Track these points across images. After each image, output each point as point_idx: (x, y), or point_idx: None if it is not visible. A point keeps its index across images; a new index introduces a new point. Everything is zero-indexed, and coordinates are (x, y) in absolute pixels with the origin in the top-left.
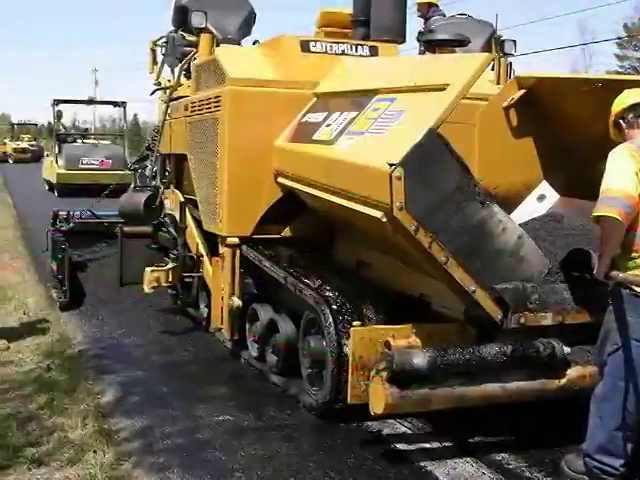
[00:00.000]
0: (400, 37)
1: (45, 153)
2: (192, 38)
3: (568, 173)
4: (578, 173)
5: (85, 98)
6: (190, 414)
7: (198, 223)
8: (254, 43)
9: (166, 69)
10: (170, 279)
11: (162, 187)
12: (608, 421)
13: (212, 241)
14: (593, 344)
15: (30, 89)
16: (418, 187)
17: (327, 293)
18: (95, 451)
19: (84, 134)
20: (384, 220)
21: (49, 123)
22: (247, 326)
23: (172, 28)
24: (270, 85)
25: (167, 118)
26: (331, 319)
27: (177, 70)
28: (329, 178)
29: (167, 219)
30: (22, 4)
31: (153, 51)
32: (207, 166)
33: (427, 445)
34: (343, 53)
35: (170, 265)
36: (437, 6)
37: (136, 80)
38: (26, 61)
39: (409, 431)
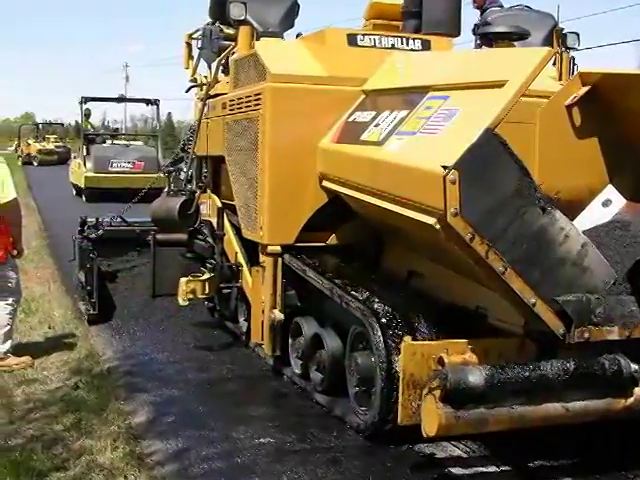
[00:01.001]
0: (454, 30)
1: (72, 155)
2: (230, 31)
3: (636, 176)
4: None
5: (115, 95)
6: (228, 436)
7: (237, 230)
8: (297, 36)
9: (202, 64)
10: (207, 290)
11: (198, 191)
12: None
13: (252, 250)
14: None
15: (56, 87)
16: (474, 191)
17: (376, 305)
18: (126, 476)
19: (114, 134)
20: (437, 227)
21: (76, 123)
22: (289, 341)
23: (209, 20)
24: (314, 81)
25: (203, 117)
26: (380, 333)
27: (214, 65)
28: (378, 182)
29: (203, 226)
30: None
31: (188, 45)
32: (246, 169)
33: (483, 469)
34: (393, 47)
35: (207, 275)
36: None
37: (170, 77)
38: (52, 58)
39: (464, 454)
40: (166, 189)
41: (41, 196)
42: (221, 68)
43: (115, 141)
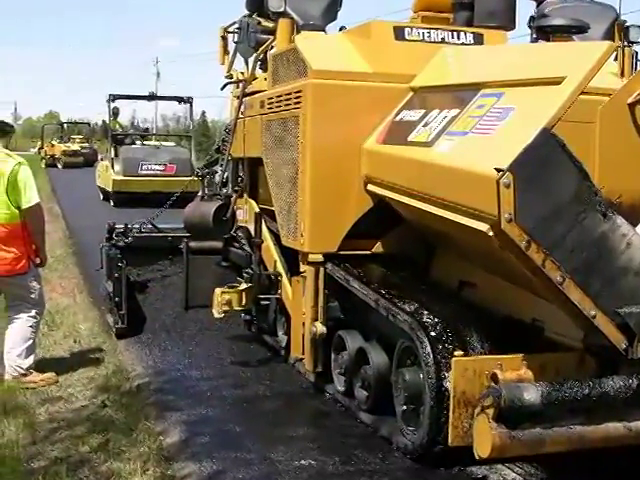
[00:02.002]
0: (509, 22)
1: (99, 157)
2: (269, 24)
3: None
4: None
5: (145, 93)
6: (266, 457)
7: (276, 237)
8: (340, 30)
9: (239, 60)
10: (243, 302)
11: (234, 196)
12: None
13: (292, 258)
14: None
15: (81, 84)
16: (530, 196)
17: (425, 318)
18: None
19: (144, 134)
20: (490, 234)
21: (103, 122)
22: (332, 356)
23: (246, 12)
24: (359, 78)
25: (240, 116)
26: (429, 348)
27: (251, 61)
28: (426, 185)
29: (240, 233)
30: None
31: (224, 39)
32: (286, 172)
33: None
34: (443, 41)
35: (243, 286)
36: None
37: (204, 73)
38: (77, 54)
39: (519, 477)
40: (200, 193)
41: (66, 201)
42: (259, 64)
43: (145, 142)
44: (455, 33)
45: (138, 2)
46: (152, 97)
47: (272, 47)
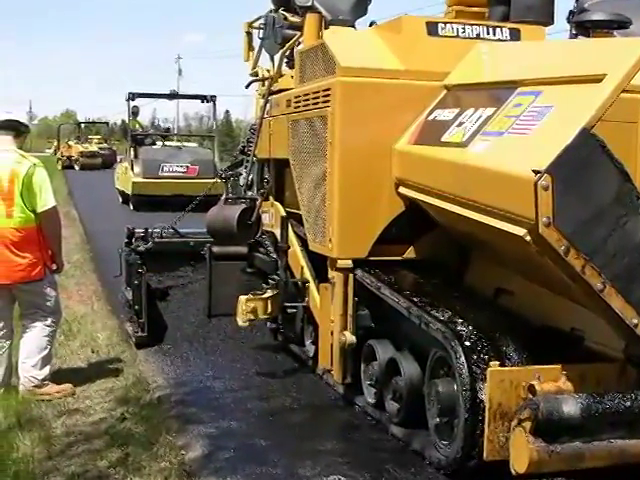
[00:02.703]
0: (547, 18)
1: (118, 158)
2: (296, 19)
3: None
4: None
5: (166, 91)
6: (293, 473)
7: (303, 242)
8: (370, 25)
9: (264, 57)
10: (269, 310)
11: (259, 199)
12: None
13: (320, 264)
14: None
15: (100, 81)
16: (569, 199)
17: (459, 327)
18: None
19: (165, 135)
20: (527, 239)
21: (123, 122)
22: (362, 367)
23: (272, 7)
24: (390, 75)
25: (265, 116)
26: (464, 358)
27: (277, 58)
28: (461, 188)
29: (265, 237)
30: None
31: (249, 35)
32: (314, 173)
33: None
34: (478, 37)
35: (269, 293)
36: None
37: (228, 70)
38: (95, 50)
39: None
40: (224, 196)
41: (83, 204)
42: (285, 60)
43: (166, 142)
44: (491, 28)
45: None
46: (173, 95)
47: (299, 43)
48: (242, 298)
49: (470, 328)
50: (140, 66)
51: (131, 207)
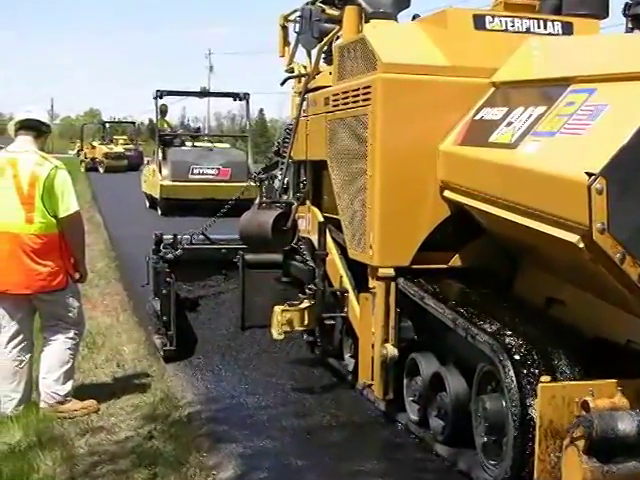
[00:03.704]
0: (601, 10)
1: (145, 160)
2: (334, 12)
3: None
4: None
5: (196, 89)
6: None
7: (342, 250)
8: (413, 18)
9: (301, 52)
10: (306, 321)
11: (295, 203)
12: None
13: (360, 273)
14: None
15: (125, 78)
16: (625, 203)
17: (508, 339)
18: None
19: (195, 135)
20: (581, 246)
21: (150, 121)
22: (404, 382)
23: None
24: (434, 72)
25: (302, 115)
26: (513, 373)
27: (314, 53)
28: (510, 191)
29: (302, 244)
30: None
31: (284, 29)
32: (353, 176)
33: None
34: (528, 31)
35: (306, 303)
36: None
37: (262, 66)
38: (120, 45)
39: None
40: (257, 200)
41: (108, 209)
42: (323, 56)
43: (196, 143)
44: (542, 22)
45: None
46: (204, 93)
47: (338, 38)
48: (277, 309)
49: (520, 341)
50: (169, 62)
51: (159, 212)
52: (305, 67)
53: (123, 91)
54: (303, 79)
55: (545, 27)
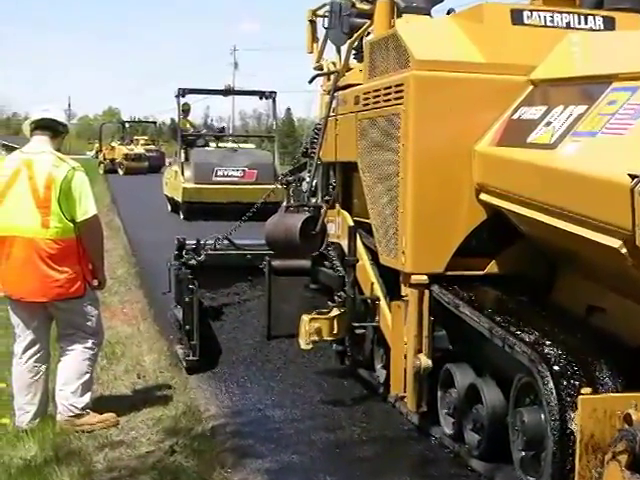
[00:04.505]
0: None
1: (167, 161)
2: (365, 6)
3: None
4: None
5: (221, 87)
6: None
7: (373, 255)
8: (448, 13)
9: (330, 48)
10: (335, 331)
11: (324, 207)
12: None
13: (392, 280)
14: None
15: (146, 76)
16: None
17: (547, 349)
18: None
19: (219, 135)
20: (623, 251)
21: (172, 121)
22: (438, 394)
23: None
24: (470, 69)
25: (331, 114)
26: (552, 384)
27: (344, 49)
28: (548, 194)
29: (331, 250)
30: None
31: (312, 24)
32: (385, 178)
33: None
34: (568, 26)
35: (335, 312)
36: None
37: (290, 63)
38: (140, 42)
39: None
40: (284, 204)
41: (128, 212)
42: (353, 53)
43: (221, 144)
44: (582, 17)
45: None
46: (229, 91)
47: (368, 33)
48: (305, 317)
49: (559, 351)
50: (191, 59)
51: (181, 216)
52: (334, 64)
53: (144, 89)
54: (332, 77)
55: (586, 22)
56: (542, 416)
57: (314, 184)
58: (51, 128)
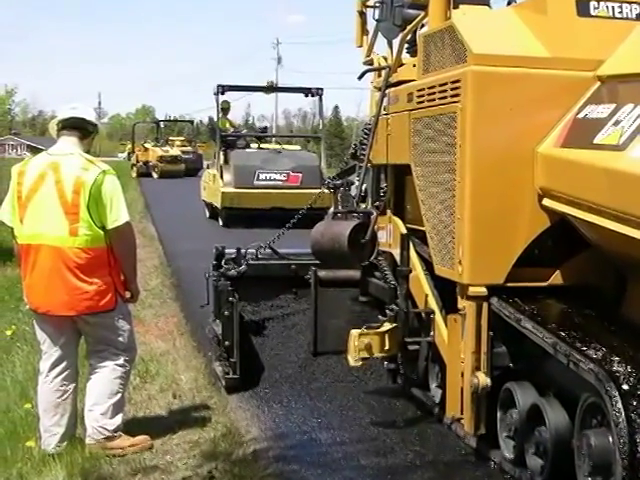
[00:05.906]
0: None
1: (205, 164)
2: None
3: None
4: None
5: (263, 83)
6: None
7: (427, 265)
8: (509, 3)
9: (381, 41)
10: (386, 347)
11: (375, 213)
12: None
13: (448, 292)
14: None
15: (183, 72)
16: None
17: (615, 367)
18: None
19: (261, 136)
20: None
21: (210, 120)
22: (498, 415)
23: None
24: (532, 64)
25: (382, 113)
26: (621, 405)
27: (396, 43)
28: (617, 199)
29: (382, 259)
30: None
31: (362, 15)
32: (440, 182)
33: None
34: (638, 18)
35: (387, 326)
36: None
37: (338, 58)
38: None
39: None
40: (332, 210)
41: (163, 219)
42: (406, 46)
43: (263, 145)
44: None
45: None
46: (271, 88)
47: (422, 26)
48: (354, 332)
49: (629, 368)
50: (231, 54)
51: (220, 223)
52: (386, 59)
53: (180, 86)
54: (383, 72)
55: None
56: (610, 439)
57: (364, 189)
58: (80, 128)
